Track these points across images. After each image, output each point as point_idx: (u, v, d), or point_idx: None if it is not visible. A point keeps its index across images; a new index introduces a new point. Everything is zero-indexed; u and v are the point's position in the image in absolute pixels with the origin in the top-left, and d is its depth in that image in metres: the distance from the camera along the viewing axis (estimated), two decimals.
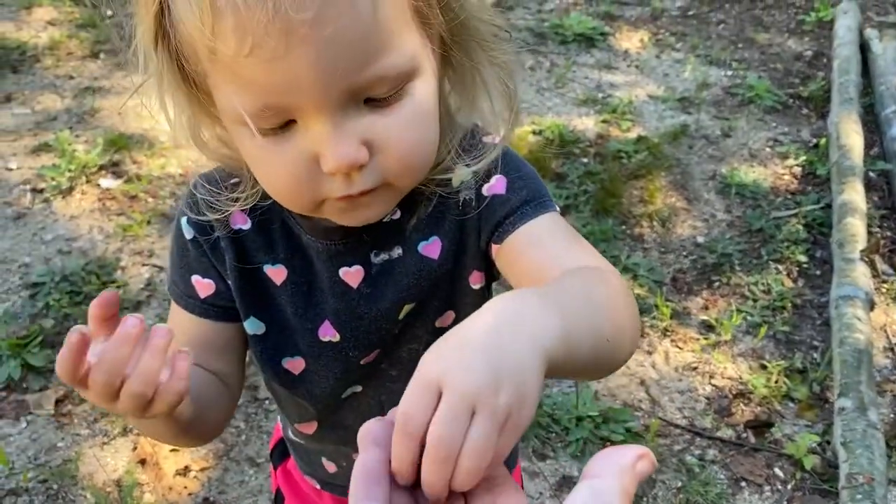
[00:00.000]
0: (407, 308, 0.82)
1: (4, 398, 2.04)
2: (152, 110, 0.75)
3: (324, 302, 0.82)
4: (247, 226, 0.80)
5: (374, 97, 0.63)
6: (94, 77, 3.22)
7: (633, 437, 1.99)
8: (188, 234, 0.81)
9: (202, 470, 1.90)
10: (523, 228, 0.75)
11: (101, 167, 2.76)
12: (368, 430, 0.47)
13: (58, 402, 2.03)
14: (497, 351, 0.45)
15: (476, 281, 0.83)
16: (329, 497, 1.06)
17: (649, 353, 2.26)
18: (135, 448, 1.94)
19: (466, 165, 0.75)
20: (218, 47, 0.59)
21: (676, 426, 2.06)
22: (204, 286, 0.82)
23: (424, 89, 0.66)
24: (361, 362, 0.86)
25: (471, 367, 0.44)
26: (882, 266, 2.53)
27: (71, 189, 2.66)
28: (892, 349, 2.30)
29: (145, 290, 2.34)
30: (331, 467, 1.01)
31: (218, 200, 0.78)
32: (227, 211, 0.78)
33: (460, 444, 0.44)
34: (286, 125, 0.64)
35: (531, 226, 0.75)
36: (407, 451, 0.45)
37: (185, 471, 1.90)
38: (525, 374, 0.46)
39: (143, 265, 2.42)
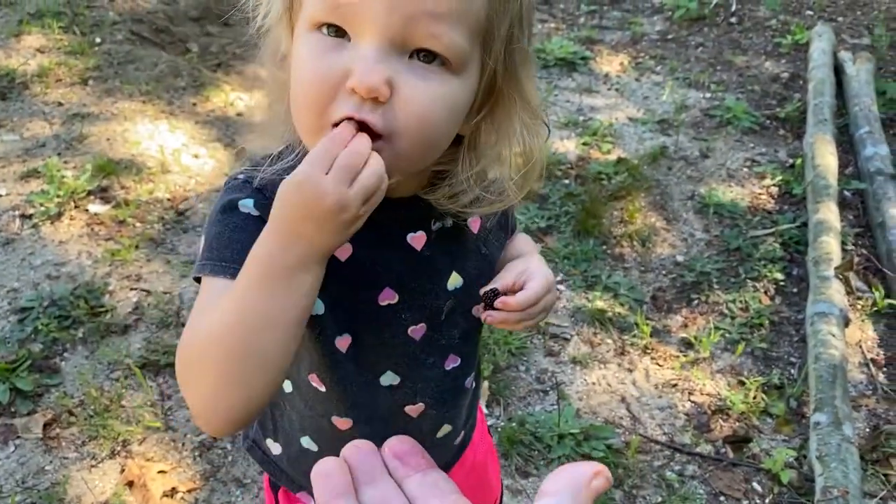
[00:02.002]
0: (454, 279, 0.92)
1: None
2: (141, 136, 0.84)
3: (389, 269, 0.88)
4: None
5: (420, 51, 0.71)
6: (83, 103, 3.26)
7: (613, 453, 2.03)
8: (253, 212, 0.80)
9: (189, 491, 1.93)
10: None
11: (90, 192, 2.79)
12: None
13: (46, 425, 2.05)
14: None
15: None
16: None
17: (630, 370, 2.31)
18: (122, 470, 1.96)
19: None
20: None
21: (656, 442, 2.10)
22: None
23: (460, 87, 0.74)
24: (409, 331, 0.91)
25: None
26: (857, 283, 2.59)
27: (60, 214, 2.69)
28: (867, 364, 2.36)
29: (133, 314, 2.37)
30: None
31: (272, 179, 0.80)
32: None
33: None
34: (339, 36, 0.72)
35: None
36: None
37: (172, 492, 1.92)
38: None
39: (132, 289, 2.45)
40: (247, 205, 0.81)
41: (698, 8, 4.37)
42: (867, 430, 2.15)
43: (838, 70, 3.66)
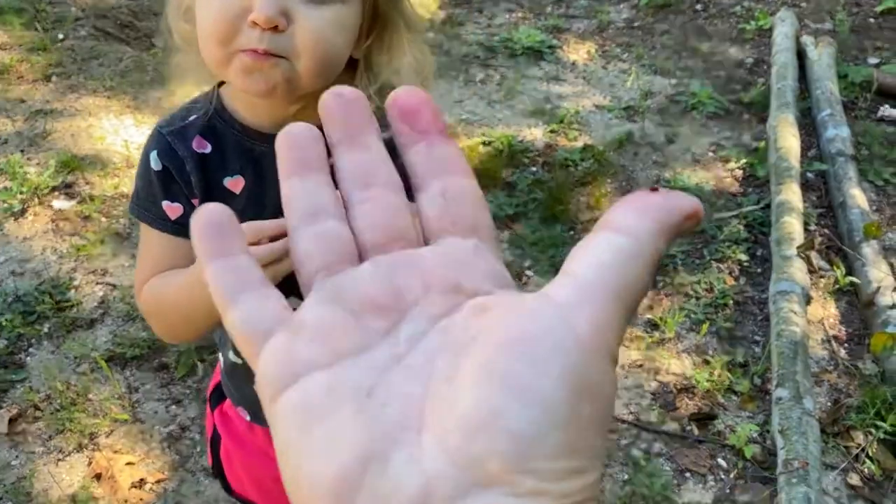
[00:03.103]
0: None
1: None
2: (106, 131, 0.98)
3: (279, 201, 0.94)
4: (207, 149, 0.96)
5: None
6: (46, 100, 3.23)
7: None
8: (157, 166, 0.95)
9: (158, 482, 1.93)
10: None
11: (54, 189, 2.77)
12: None
13: (11, 420, 2.04)
14: None
15: None
16: (259, 430, 1.13)
17: None
18: (90, 463, 1.95)
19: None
20: None
21: (623, 421, 2.13)
22: (173, 209, 0.97)
23: (347, 10, 0.85)
24: None
25: None
26: (818, 262, 2.63)
27: (23, 211, 2.67)
28: (828, 341, 2.40)
29: (99, 309, 2.36)
30: None
31: (180, 130, 0.96)
32: (190, 135, 0.95)
33: None
34: None
35: None
36: None
37: (140, 483, 1.92)
38: None
39: (98, 284, 2.44)
40: (153, 157, 0.95)
41: None
42: (828, 404, 2.19)
43: (801, 54, 3.71)
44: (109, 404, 2.08)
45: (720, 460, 2.05)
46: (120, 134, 3.07)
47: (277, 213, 0.94)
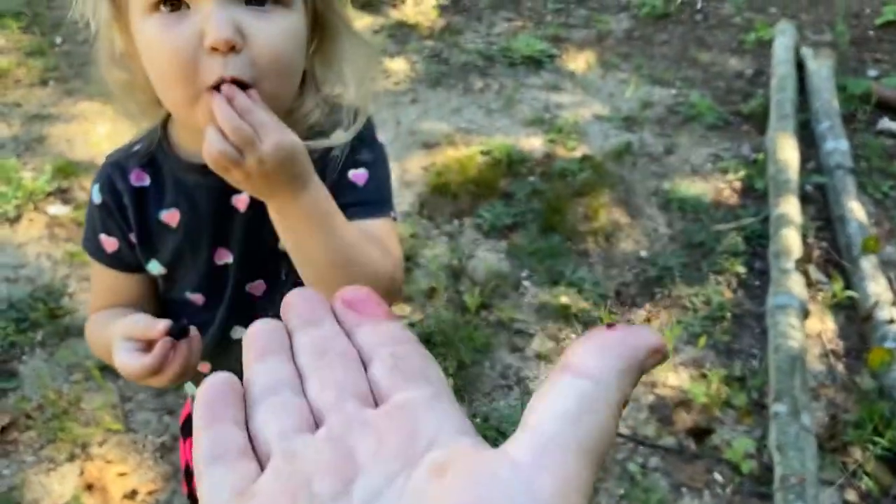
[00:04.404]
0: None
1: None
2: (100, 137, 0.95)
3: (217, 231, 0.95)
4: (146, 181, 0.96)
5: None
6: (43, 104, 3.22)
7: None
8: (97, 199, 0.97)
9: (150, 493, 1.91)
10: (365, 223, 0.91)
11: (50, 194, 2.76)
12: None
13: (3, 429, 2.02)
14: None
15: None
16: None
17: None
18: (81, 473, 1.93)
19: (344, 130, 0.90)
20: None
21: (620, 435, 2.11)
22: (110, 243, 0.98)
23: (296, 18, 0.82)
24: (248, 289, 0.99)
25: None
26: (816, 275, 2.62)
27: (18, 217, 2.66)
28: (826, 355, 2.39)
29: None
30: None
31: (121, 163, 0.96)
32: (128, 168, 0.95)
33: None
34: (178, 7, 0.78)
35: (370, 223, 0.92)
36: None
37: (132, 494, 1.90)
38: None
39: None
40: (94, 190, 0.97)
41: (664, 5, 4.41)
42: (826, 419, 2.18)
43: (800, 66, 3.71)
44: (102, 413, 2.06)
45: (717, 475, 2.03)
46: (116, 140, 3.04)
47: (214, 246, 0.95)
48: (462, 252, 2.70)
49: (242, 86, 0.77)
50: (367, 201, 0.93)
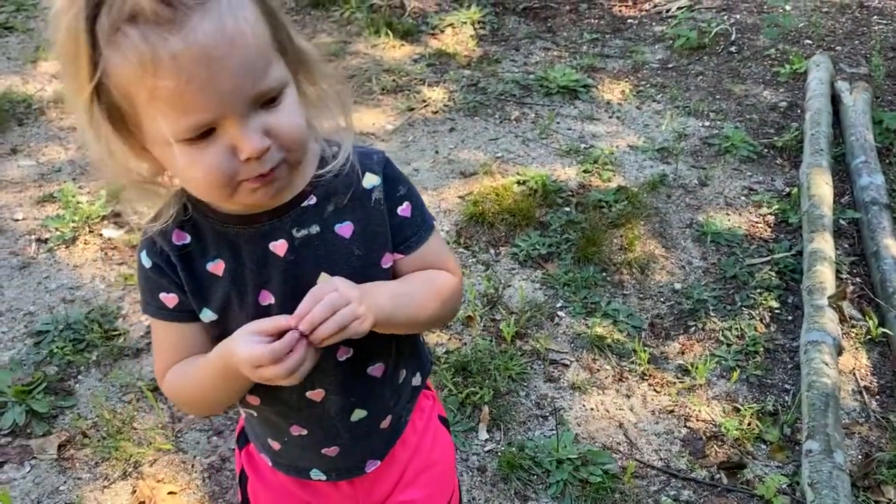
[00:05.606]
0: (324, 277, 1.03)
1: (9, 443, 2.13)
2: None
3: (259, 276, 1.03)
4: (187, 240, 1.03)
5: (266, 101, 0.87)
6: None
7: (610, 478, 2.09)
8: (147, 263, 1.04)
9: None
10: (421, 248, 1.10)
11: (104, 217, 2.87)
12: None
13: (60, 446, 2.12)
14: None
15: (387, 262, 1.09)
16: (283, 475, 1.22)
17: (628, 396, 2.37)
18: (134, 491, 2.02)
19: (372, 172, 1.05)
20: (159, 84, 0.80)
21: (653, 468, 2.16)
22: (170, 299, 1.05)
23: (293, 94, 0.92)
24: None
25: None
26: (850, 311, 2.65)
27: (74, 239, 2.77)
28: (860, 392, 2.41)
29: (145, 338, 2.44)
30: (275, 445, 1.18)
31: (162, 230, 1.03)
32: (169, 231, 1.02)
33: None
34: (208, 134, 0.86)
35: (426, 246, 1.11)
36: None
37: None
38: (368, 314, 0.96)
39: (144, 314, 2.52)
40: (143, 257, 1.04)
41: (698, 37, 4.46)
42: (860, 457, 2.20)
43: (835, 99, 3.73)
44: (153, 433, 2.15)
45: None
46: None
47: (258, 289, 1.04)
48: (498, 281, 2.77)
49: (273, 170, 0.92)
50: (418, 227, 1.10)
